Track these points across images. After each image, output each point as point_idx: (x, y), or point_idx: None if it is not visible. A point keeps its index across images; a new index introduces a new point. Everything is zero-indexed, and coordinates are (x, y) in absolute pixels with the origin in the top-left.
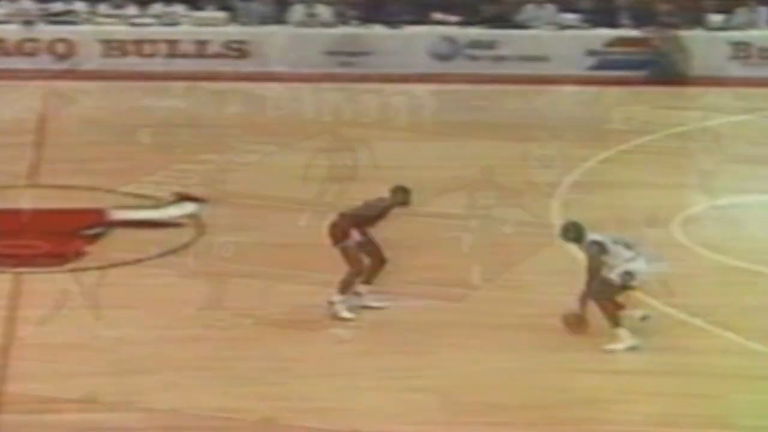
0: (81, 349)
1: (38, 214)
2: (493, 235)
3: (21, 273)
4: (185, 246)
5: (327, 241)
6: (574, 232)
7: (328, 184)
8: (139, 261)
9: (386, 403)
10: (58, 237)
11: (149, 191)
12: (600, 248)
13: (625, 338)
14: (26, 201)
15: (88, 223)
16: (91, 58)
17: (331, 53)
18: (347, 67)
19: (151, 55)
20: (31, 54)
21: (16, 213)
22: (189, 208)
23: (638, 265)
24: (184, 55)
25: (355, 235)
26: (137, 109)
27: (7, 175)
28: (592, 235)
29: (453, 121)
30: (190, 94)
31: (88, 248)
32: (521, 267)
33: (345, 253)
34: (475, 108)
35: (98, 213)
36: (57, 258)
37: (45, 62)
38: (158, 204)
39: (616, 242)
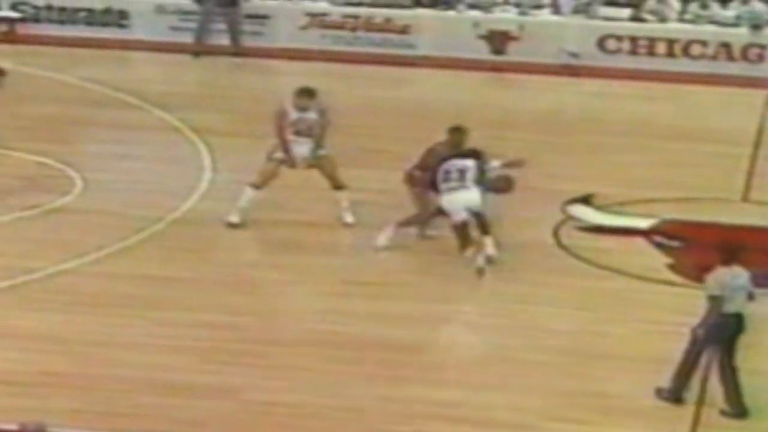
0: None
1: (753, 230)
2: None
3: None
4: None
5: None
6: None
7: None
8: None
9: None
10: None
11: None
12: None
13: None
14: (740, 216)
15: None
16: None
17: None
18: None
19: None
20: (757, 60)
21: (730, 228)
22: None
23: (459, 196)
24: None
25: None
26: None
27: (724, 187)
28: None
29: None
30: None
31: None
32: None
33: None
34: None
35: None
36: None
37: None
38: None
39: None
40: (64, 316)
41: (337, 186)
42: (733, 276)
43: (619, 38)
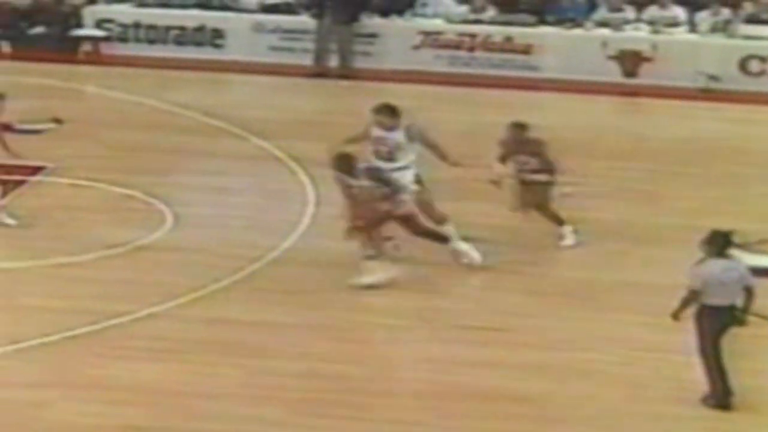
0: None
1: None
2: None
3: None
4: None
5: None
6: None
7: None
8: None
9: None
10: None
11: None
12: None
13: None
14: None
15: None
16: None
17: None
18: None
19: None
20: None
21: None
22: None
23: None
24: None
25: None
26: None
27: None
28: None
29: None
30: None
31: None
32: None
33: None
34: None
35: None
36: None
37: None
38: None
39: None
40: (150, 364)
41: (439, 220)
42: (724, 269)
43: (762, 59)
